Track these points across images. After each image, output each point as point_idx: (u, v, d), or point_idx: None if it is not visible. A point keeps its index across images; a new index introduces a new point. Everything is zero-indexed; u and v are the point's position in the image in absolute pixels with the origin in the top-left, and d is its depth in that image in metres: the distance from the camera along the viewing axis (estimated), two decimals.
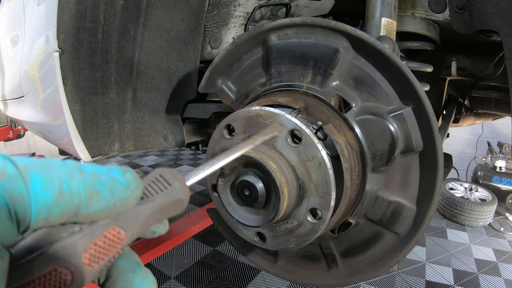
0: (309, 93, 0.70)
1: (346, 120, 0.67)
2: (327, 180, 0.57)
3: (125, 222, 0.26)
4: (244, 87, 0.81)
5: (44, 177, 0.22)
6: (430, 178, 0.64)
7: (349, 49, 0.67)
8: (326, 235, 0.76)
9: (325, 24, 0.67)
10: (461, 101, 1.74)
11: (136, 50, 1.10)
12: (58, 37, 0.93)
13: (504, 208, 4.17)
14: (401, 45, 0.97)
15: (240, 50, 0.80)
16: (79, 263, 0.23)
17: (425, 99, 0.61)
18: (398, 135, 0.64)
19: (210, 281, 2.45)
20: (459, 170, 5.05)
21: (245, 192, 0.57)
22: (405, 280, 2.64)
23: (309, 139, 0.57)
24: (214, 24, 1.20)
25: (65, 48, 0.94)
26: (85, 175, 0.24)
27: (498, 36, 0.77)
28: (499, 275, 2.87)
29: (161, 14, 1.12)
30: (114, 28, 1.02)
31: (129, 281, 0.26)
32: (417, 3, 0.93)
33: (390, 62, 0.63)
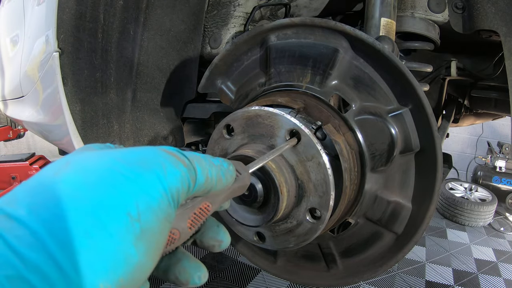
0: (308, 93, 0.70)
1: (345, 120, 0.67)
2: (326, 180, 0.57)
3: (212, 198, 0.36)
4: (244, 87, 0.81)
5: (200, 167, 0.33)
6: (430, 177, 0.65)
7: (348, 49, 0.67)
8: (326, 235, 0.76)
9: (324, 24, 0.68)
10: (460, 101, 1.74)
11: (136, 50, 1.10)
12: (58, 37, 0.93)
13: (504, 208, 4.17)
14: (401, 45, 0.97)
15: (240, 50, 0.80)
16: (184, 227, 0.34)
17: (424, 99, 0.61)
18: (397, 135, 0.64)
19: (210, 281, 2.45)
20: (459, 170, 5.05)
21: (245, 192, 0.57)
22: (405, 280, 2.64)
23: (308, 139, 0.57)
24: (213, 24, 1.20)
25: (65, 48, 0.94)
26: (215, 167, 0.35)
27: (498, 36, 0.77)
28: (499, 275, 2.87)
29: (161, 14, 1.12)
30: (114, 28, 1.03)
31: (215, 232, 0.38)
32: (417, 3, 0.93)
33: (389, 62, 0.63)
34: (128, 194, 0.28)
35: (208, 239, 0.38)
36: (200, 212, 0.35)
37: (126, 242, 0.26)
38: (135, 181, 0.28)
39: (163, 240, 0.30)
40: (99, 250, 0.25)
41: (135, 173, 0.29)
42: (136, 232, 0.27)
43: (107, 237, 0.25)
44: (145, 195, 0.28)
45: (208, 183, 0.34)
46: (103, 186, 0.27)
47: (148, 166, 0.30)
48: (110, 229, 0.26)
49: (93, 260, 0.24)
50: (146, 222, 0.27)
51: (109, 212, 0.26)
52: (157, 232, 0.29)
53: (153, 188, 0.29)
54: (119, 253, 0.26)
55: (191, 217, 0.34)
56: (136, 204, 0.27)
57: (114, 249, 0.25)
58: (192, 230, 0.35)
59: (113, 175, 0.28)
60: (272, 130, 0.60)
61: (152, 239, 0.28)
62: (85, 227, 0.25)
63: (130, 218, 0.27)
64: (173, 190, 0.30)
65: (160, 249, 0.30)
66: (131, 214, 0.27)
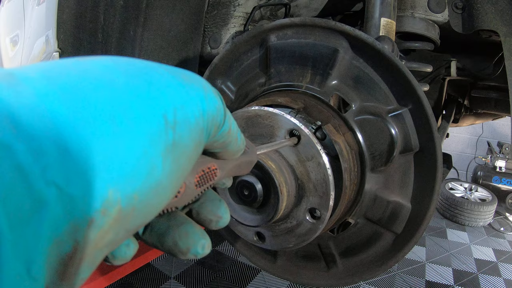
0: (308, 93, 0.70)
1: (345, 120, 0.67)
2: (326, 180, 0.57)
3: (220, 164, 0.34)
4: (243, 87, 0.81)
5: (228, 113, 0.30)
6: (430, 177, 0.65)
7: (348, 49, 0.67)
8: (325, 235, 0.76)
9: (324, 24, 0.68)
10: (460, 101, 1.74)
11: (136, 50, 1.10)
12: (58, 37, 0.93)
13: (504, 208, 4.17)
14: (401, 45, 0.97)
15: (240, 50, 0.80)
16: (192, 181, 0.30)
17: (424, 99, 0.61)
18: (397, 135, 0.64)
19: (210, 281, 2.45)
20: (459, 170, 5.05)
21: (244, 192, 0.57)
22: (405, 280, 2.64)
23: (308, 139, 0.57)
24: (213, 24, 1.20)
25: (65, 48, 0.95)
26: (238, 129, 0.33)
27: (498, 36, 0.77)
28: (499, 275, 2.87)
29: (161, 14, 1.12)
30: (114, 28, 1.03)
31: (216, 206, 0.33)
32: (417, 3, 0.93)
33: (389, 62, 0.63)
34: (168, 96, 0.23)
35: (207, 212, 0.32)
36: (209, 172, 0.32)
37: (155, 149, 0.21)
38: (177, 87, 0.24)
39: (188, 168, 0.25)
40: (121, 145, 0.19)
41: (178, 79, 0.25)
42: (168, 141, 0.22)
43: (136, 133, 0.20)
44: (185, 105, 0.24)
45: (229, 134, 0.30)
46: (142, 77, 0.23)
47: (191, 80, 0.26)
48: (141, 125, 0.21)
49: (111, 155, 0.19)
50: (180, 136, 0.23)
51: (144, 106, 0.21)
52: (187, 154, 0.24)
53: (193, 102, 0.24)
54: (144, 159, 0.20)
55: (199, 172, 0.31)
56: (174, 110, 0.23)
57: (139, 151, 0.20)
58: (198, 190, 0.31)
59: (155, 71, 0.24)
60: (272, 130, 0.60)
61: (181, 160, 0.23)
62: (111, 110, 0.20)
63: (166, 122, 0.22)
64: (210, 116, 0.26)
65: (182, 180, 0.25)
66: (168, 119, 0.22)
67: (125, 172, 0.19)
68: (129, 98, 0.21)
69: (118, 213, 0.19)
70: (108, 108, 0.20)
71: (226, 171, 0.35)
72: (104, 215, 0.19)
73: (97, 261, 0.21)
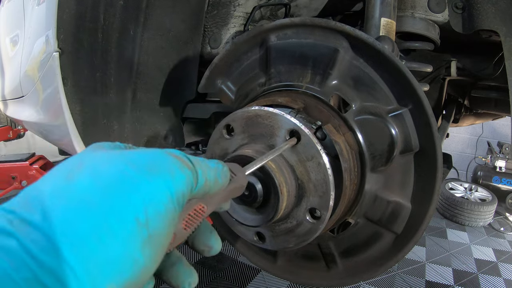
0: (308, 93, 0.70)
1: (345, 120, 0.67)
2: (326, 180, 0.57)
3: (207, 200, 0.37)
4: (244, 87, 0.81)
5: (201, 169, 0.34)
6: (430, 178, 0.65)
7: (348, 49, 0.67)
8: (325, 235, 0.76)
9: (324, 24, 0.68)
10: (460, 101, 1.74)
11: (136, 50, 1.10)
12: (58, 37, 0.93)
13: (504, 208, 4.17)
14: (401, 45, 0.97)
15: (240, 50, 0.80)
16: (180, 228, 0.34)
17: (424, 99, 0.61)
18: (397, 135, 0.64)
19: (210, 281, 2.45)
20: (459, 170, 5.05)
21: (244, 192, 0.57)
22: (405, 280, 2.64)
23: (308, 139, 0.57)
24: (213, 24, 1.20)
25: (65, 48, 0.94)
26: (212, 169, 0.36)
27: (498, 36, 0.77)
28: (499, 275, 2.87)
29: (161, 14, 1.12)
30: (114, 28, 1.02)
31: (208, 238, 0.39)
32: (417, 3, 0.93)
33: (389, 62, 0.63)
34: (137, 200, 0.29)
35: (200, 243, 0.39)
36: (195, 213, 0.36)
37: (134, 247, 0.27)
38: (144, 187, 0.29)
39: (167, 243, 0.31)
40: (108, 255, 0.26)
41: (145, 178, 0.30)
42: (143, 237, 0.28)
43: (116, 242, 0.27)
44: (153, 201, 0.29)
45: (206, 185, 0.35)
46: (113, 191, 0.29)
47: (156, 171, 0.31)
48: (119, 234, 0.27)
49: (102, 264, 0.26)
50: (153, 228, 0.29)
51: (118, 218, 0.27)
52: (162, 236, 0.30)
53: (161, 193, 0.30)
54: (127, 258, 0.27)
55: (186, 218, 0.35)
56: (144, 210, 0.29)
57: (122, 254, 0.27)
58: (187, 231, 0.35)
59: (124, 180, 0.29)
60: (272, 130, 0.60)
61: (158, 243, 0.29)
62: (96, 232, 0.26)
63: (138, 223, 0.28)
64: (179, 194, 0.31)
65: (164, 252, 0.31)
66: (140, 220, 0.28)
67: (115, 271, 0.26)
68: (105, 214, 0.27)
69: None
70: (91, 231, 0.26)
71: (215, 204, 0.38)
72: None
73: None
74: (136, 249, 0.28)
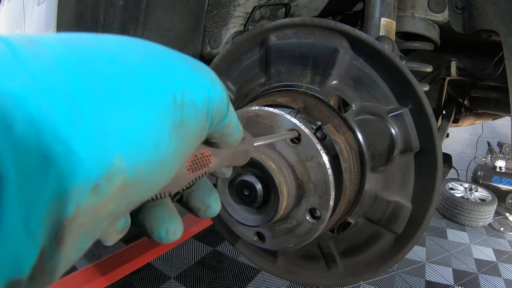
0: (308, 93, 0.70)
1: (345, 120, 0.67)
2: (326, 180, 0.57)
3: (214, 151, 0.33)
4: (244, 87, 0.81)
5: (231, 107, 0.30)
6: (430, 177, 0.65)
7: (348, 49, 0.67)
8: (325, 235, 0.76)
9: (324, 24, 0.68)
10: (460, 101, 1.74)
11: None
12: None
13: (504, 208, 4.16)
14: (401, 45, 0.97)
15: (240, 50, 0.80)
16: (184, 166, 0.30)
17: (424, 99, 0.61)
18: (397, 135, 0.64)
19: (210, 281, 2.45)
20: (459, 170, 5.05)
21: (245, 192, 0.57)
22: (405, 280, 2.64)
23: (308, 139, 0.57)
24: (213, 24, 1.20)
25: None
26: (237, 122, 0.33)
27: (498, 36, 0.77)
28: (499, 275, 2.87)
29: (161, 14, 1.12)
30: (114, 28, 1.03)
31: (206, 195, 0.33)
32: (417, 3, 0.93)
33: (389, 62, 0.63)
34: (178, 78, 0.24)
35: (196, 200, 0.32)
36: (202, 158, 0.32)
37: (163, 125, 0.22)
38: (186, 71, 0.25)
39: (191, 150, 0.26)
40: (131, 116, 0.20)
41: (188, 65, 0.25)
42: (175, 120, 0.23)
43: (146, 105, 0.21)
44: (193, 89, 0.24)
45: (229, 127, 0.31)
46: (154, 56, 0.24)
47: (200, 68, 0.26)
48: (151, 98, 0.21)
49: (120, 126, 0.19)
50: (186, 117, 0.24)
51: (155, 82, 0.22)
52: (192, 135, 0.25)
53: (201, 88, 0.25)
54: (152, 132, 0.21)
55: (191, 157, 0.31)
56: (182, 92, 0.23)
57: (148, 123, 0.21)
58: (191, 176, 0.31)
59: (166, 54, 0.25)
60: (272, 130, 0.60)
61: (186, 140, 0.24)
62: (124, 83, 0.20)
63: (174, 101, 0.23)
64: (215, 105, 0.26)
65: (184, 161, 0.26)
66: (176, 98, 0.23)
67: (133, 142, 0.20)
68: (141, 75, 0.22)
69: (122, 182, 0.19)
70: (121, 81, 0.20)
71: (220, 159, 0.34)
72: (109, 182, 0.19)
73: (96, 232, 0.21)
74: (164, 128, 0.22)
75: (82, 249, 0.20)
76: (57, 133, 0.17)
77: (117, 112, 0.19)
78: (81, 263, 2.40)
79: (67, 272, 2.61)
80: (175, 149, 0.23)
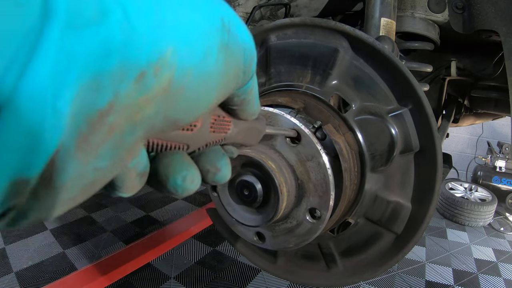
0: (308, 93, 0.70)
1: (345, 120, 0.67)
2: (326, 180, 0.57)
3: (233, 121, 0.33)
4: None
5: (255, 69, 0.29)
6: (430, 178, 0.65)
7: (348, 49, 0.67)
8: (325, 235, 0.76)
9: (324, 24, 0.68)
10: (460, 101, 1.74)
11: None
12: None
13: (504, 208, 4.16)
14: (401, 45, 0.97)
15: None
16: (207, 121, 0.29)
17: (424, 99, 0.61)
18: (397, 135, 0.64)
19: (210, 281, 2.45)
20: (459, 170, 5.05)
21: (244, 192, 0.57)
22: (405, 280, 2.64)
23: (308, 139, 0.57)
24: None
25: None
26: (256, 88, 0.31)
27: (498, 36, 0.77)
28: (499, 275, 2.87)
29: None
30: None
31: (217, 157, 0.31)
32: (417, 3, 0.93)
33: (389, 62, 0.63)
34: (224, 8, 0.24)
35: (206, 161, 0.30)
36: (222, 120, 0.31)
37: (213, 39, 0.21)
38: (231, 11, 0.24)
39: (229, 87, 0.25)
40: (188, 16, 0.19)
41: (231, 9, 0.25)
42: (223, 40, 0.22)
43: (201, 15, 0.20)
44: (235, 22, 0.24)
45: (249, 94, 0.30)
46: None
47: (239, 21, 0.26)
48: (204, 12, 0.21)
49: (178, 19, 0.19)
50: (232, 43, 0.23)
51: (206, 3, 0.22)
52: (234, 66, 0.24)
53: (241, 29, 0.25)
54: (203, 42, 0.20)
55: (215, 116, 0.30)
56: (228, 19, 0.23)
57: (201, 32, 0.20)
58: (210, 136, 0.30)
59: None
60: None
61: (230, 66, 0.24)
62: None
63: (223, 24, 0.23)
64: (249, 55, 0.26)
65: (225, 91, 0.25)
66: (224, 22, 0.23)
67: (187, 39, 0.19)
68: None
69: (168, 83, 0.18)
70: None
71: (237, 130, 0.34)
72: (157, 73, 0.17)
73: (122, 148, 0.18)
74: (214, 43, 0.21)
75: (99, 171, 0.17)
76: None
77: (176, 6, 0.18)
78: (81, 263, 2.41)
79: (67, 272, 2.61)
80: (221, 70, 0.22)
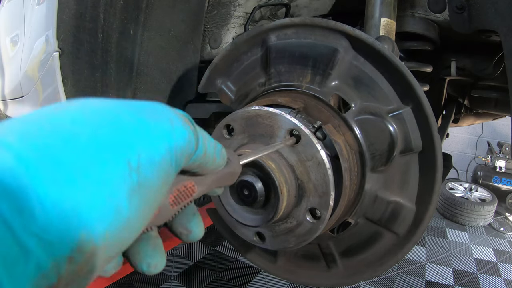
0: (308, 93, 0.70)
1: (345, 120, 0.67)
2: (326, 180, 0.57)
3: (198, 180, 0.34)
4: (244, 87, 0.81)
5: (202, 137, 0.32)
6: (430, 178, 0.65)
7: (348, 49, 0.67)
8: (326, 235, 0.76)
9: (324, 24, 0.68)
10: (460, 101, 1.74)
11: (136, 50, 1.10)
12: (58, 37, 0.93)
13: (504, 208, 4.16)
14: (401, 45, 0.97)
15: (240, 50, 0.80)
16: (166, 202, 0.31)
17: (424, 99, 0.61)
18: (397, 135, 0.64)
19: (210, 281, 2.45)
20: (459, 170, 5.05)
21: (245, 192, 0.57)
22: (405, 280, 2.64)
23: (308, 139, 0.57)
24: (213, 24, 1.20)
25: (65, 48, 0.95)
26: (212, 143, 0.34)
27: (498, 36, 0.77)
28: (499, 275, 2.87)
29: (161, 14, 1.12)
30: (114, 28, 1.03)
31: (189, 220, 0.34)
32: (417, 3, 0.93)
33: (389, 62, 0.63)
34: (132, 141, 0.25)
35: (179, 225, 0.34)
36: (185, 190, 0.33)
37: (120, 193, 0.24)
38: (142, 130, 0.26)
39: (158, 201, 0.28)
40: (88, 193, 0.22)
41: (143, 121, 0.27)
42: (132, 184, 0.24)
43: (101, 181, 0.23)
44: (149, 146, 0.26)
45: (205, 157, 0.32)
46: (106, 126, 0.25)
47: (157, 117, 0.28)
48: (105, 173, 0.23)
49: (79, 202, 0.22)
50: (144, 177, 0.25)
51: (108, 155, 0.24)
52: (154, 190, 0.26)
53: (158, 141, 0.27)
54: (110, 203, 0.23)
55: (174, 192, 0.32)
56: (138, 154, 0.25)
57: (105, 196, 0.23)
58: (173, 209, 0.32)
59: (120, 118, 0.26)
60: (272, 130, 0.60)
61: (148, 196, 0.26)
62: (78, 165, 0.22)
63: (129, 167, 0.24)
64: (178, 149, 0.28)
65: (153, 210, 0.27)
66: (131, 164, 0.25)
67: (93, 216, 0.22)
68: (94, 150, 0.24)
69: (92, 249, 0.22)
70: (76, 163, 0.22)
71: (206, 186, 0.35)
72: (80, 252, 0.22)
73: (83, 284, 0.23)
74: (122, 195, 0.24)
75: None
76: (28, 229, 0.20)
77: (73, 196, 0.22)
78: None
79: None
80: (137, 208, 0.25)
